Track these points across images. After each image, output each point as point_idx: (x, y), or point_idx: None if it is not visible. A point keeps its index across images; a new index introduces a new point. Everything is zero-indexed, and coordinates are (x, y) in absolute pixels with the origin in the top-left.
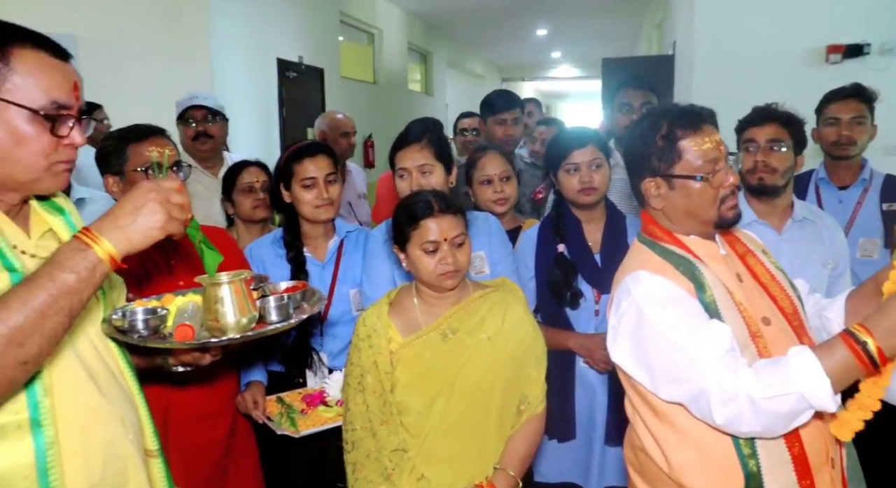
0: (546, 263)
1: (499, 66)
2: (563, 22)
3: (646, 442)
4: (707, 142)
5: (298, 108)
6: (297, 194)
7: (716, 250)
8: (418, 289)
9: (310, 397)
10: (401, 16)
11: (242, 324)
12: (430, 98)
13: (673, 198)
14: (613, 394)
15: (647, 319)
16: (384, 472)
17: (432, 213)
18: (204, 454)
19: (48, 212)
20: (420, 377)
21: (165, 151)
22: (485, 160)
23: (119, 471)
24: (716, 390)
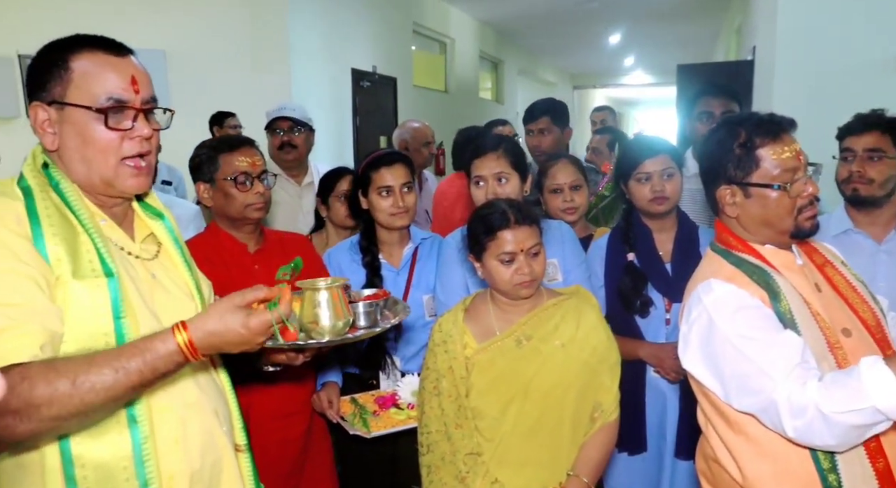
0: (615, 272)
1: (570, 74)
2: (636, 28)
3: (719, 453)
4: (786, 151)
5: (371, 117)
6: (373, 201)
7: (792, 260)
8: (493, 296)
9: (382, 399)
10: (472, 24)
11: (338, 328)
12: (501, 106)
13: (748, 206)
14: (685, 406)
15: (717, 328)
16: (458, 475)
17: (509, 225)
18: (282, 451)
19: (150, 217)
20: (494, 382)
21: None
22: (556, 169)
23: (215, 461)
24: (785, 403)
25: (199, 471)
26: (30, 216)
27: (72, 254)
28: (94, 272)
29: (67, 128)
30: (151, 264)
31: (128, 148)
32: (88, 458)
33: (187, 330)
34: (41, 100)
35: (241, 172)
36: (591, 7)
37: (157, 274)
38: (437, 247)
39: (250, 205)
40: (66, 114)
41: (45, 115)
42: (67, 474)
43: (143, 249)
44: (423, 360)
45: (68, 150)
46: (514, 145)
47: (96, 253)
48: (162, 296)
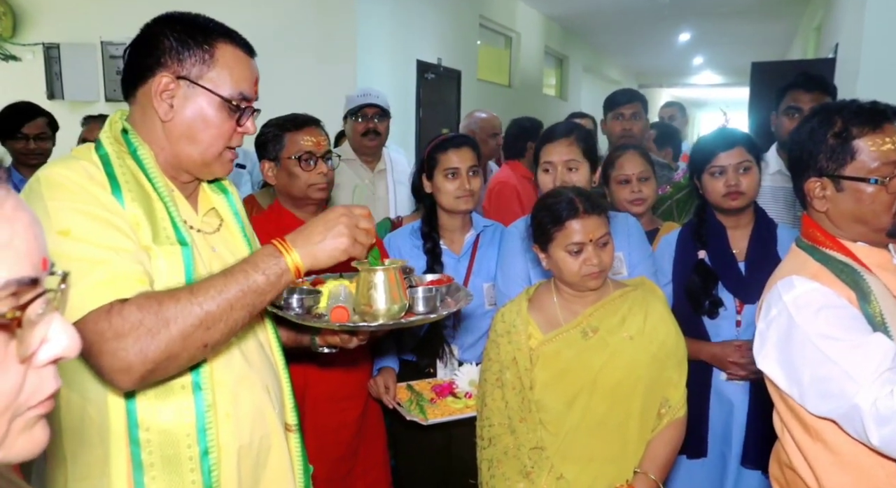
0: (685, 270)
1: (636, 72)
2: (708, 26)
3: (794, 460)
4: (888, 142)
5: (434, 109)
6: (438, 183)
7: (888, 259)
8: (557, 286)
9: (439, 387)
10: (539, 20)
11: (393, 312)
12: (565, 102)
13: (840, 201)
14: (753, 412)
15: (797, 327)
16: (523, 470)
17: (577, 214)
18: (336, 433)
19: (214, 191)
20: (560, 375)
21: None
22: (623, 159)
23: (264, 437)
24: (870, 408)
25: (248, 446)
26: (110, 181)
27: (150, 220)
28: (170, 240)
29: (190, 106)
30: (212, 238)
31: (236, 140)
32: (153, 422)
33: (285, 240)
34: (172, 71)
35: (305, 151)
36: (662, 4)
37: (218, 247)
38: (499, 236)
39: (313, 184)
40: (194, 92)
41: (170, 86)
42: (132, 436)
43: (205, 223)
44: (481, 350)
45: (182, 126)
46: (586, 133)
47: (170, 221)
48: (219, 267)
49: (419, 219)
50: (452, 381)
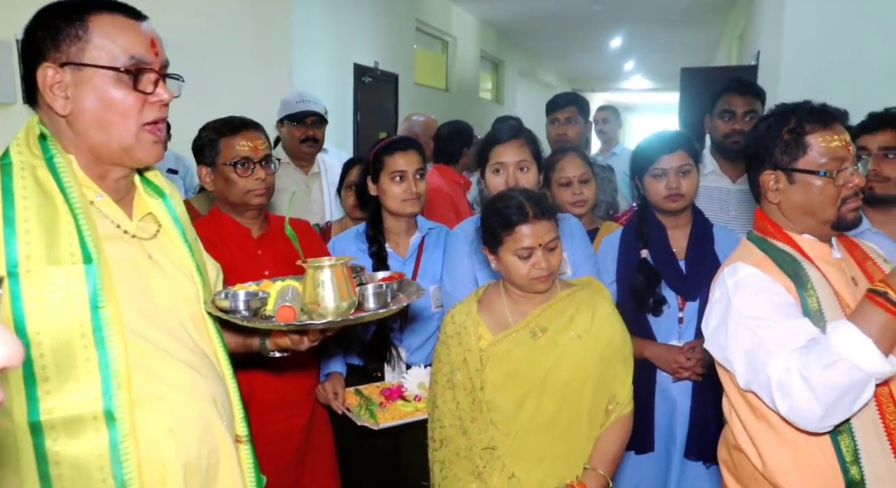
0: (628, 269)
1: (570, 77)
2: (638, 32)
3: (741, 441)
4: (836, 139)
5: (372, 113)
6: (385, 186)
7: (828, 252)
8: (506, 288)
9: (388, 391)
10: (474, 24)
11: (342, 309)
12: (501, 106)
13: (791, 193)
14: (695, 408)
15: (734, 308)
16: (475, 470)
17: (527, 219)
18: (283, 441)
19: (150, 195)
20: (510, 375)
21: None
22: (564, 162)
23: (212, 451)
24: (776, 380)
25: (196, 462)
26: (4, 195)
27: (49, 238)
28: (73, 257)
29: (84, 91)
30: (149, 244)
31: (149, 113)
32: (64, 456)
33: None
34: (53, 60)
35: (242, 157)
36: (594, 10)
37: (155, 254)
38: (444, 238)
39: (251, 190)
40: (83, 75)
41: (56, 77)
42: (41, 471)
43: (141, 228)
44: (429, 352)
45: (84, 115)
46: (533, 135)
47: (78, 236)
48: (158, 276)
49: (355, 224)
50: (401, 384)
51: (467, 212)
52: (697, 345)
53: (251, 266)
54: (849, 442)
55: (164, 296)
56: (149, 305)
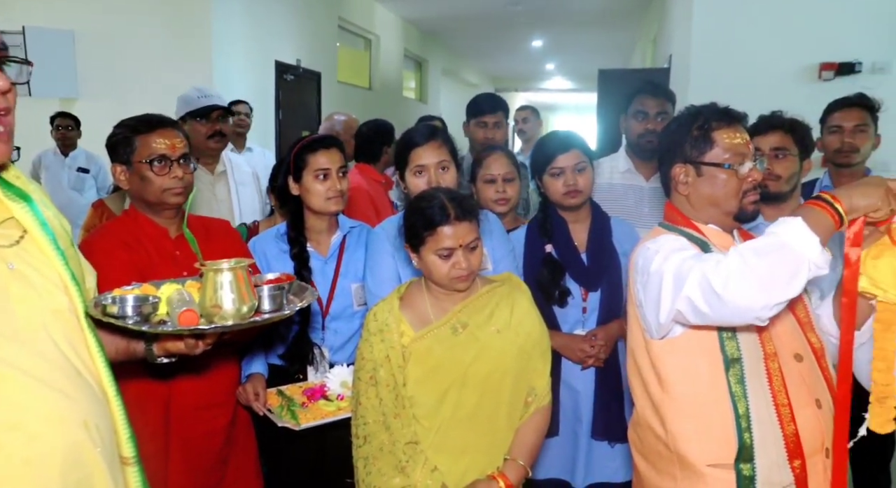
0: (534, 263)
1: (492, 76)
2: (558, 34)
3: (647, 415)
4: (738, 137)
5: (294, 111)
6: (308, 185)
7: (730, 242)
8: (428, 285)
9: (311, 391)
10: (397, 23)
11: (243, 312)
12: (425, 105)
13: (699, 185)
14: (599, 390)
15: (653, 261)
16: (398, 465)
17: (448, 220)
18: (205, 443)
19: (11, 199)
20: (432, 370)
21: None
22: (490, 159)
23: (82, 480)
24: (710, 266)
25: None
26: None
27: None
28: None
29: None
30: (8, 252)
31: None
32: None
33: None
34: None
35: (158, 155)
36: (515, 11)
37: (16, 263)
38: (366, 236)
39: (168, 189)
40: None
41: None
42: None
43: (2, 234)
44: (352, 351)
45: None
46: (449, 135)
47: None
48: (19, 287)
49: (280, 223)
50: (324, 384)
51: (388, 210)
52: (599, 332)
53: (169, 266)
54: (744, 409)
55: (28, 311)
56: (6, 321)
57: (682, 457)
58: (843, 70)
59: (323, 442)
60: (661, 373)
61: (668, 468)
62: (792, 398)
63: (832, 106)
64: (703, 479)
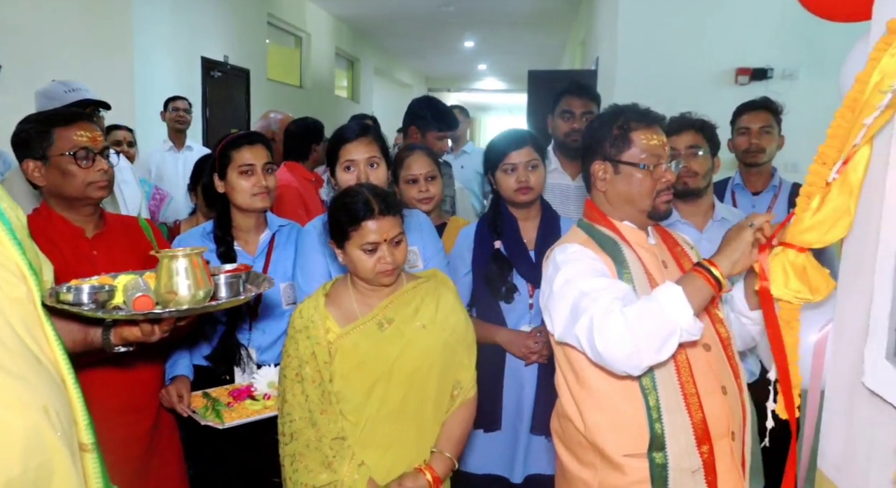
0: (483, 259)
1: (425, 76)
2: (489, 35)
3: (567, 408)
4: (655, 138)
5: (223, 108)
6: (233, 181)
7: (644, 238)
8: (353, 281)
9: (237, 392)
10: (329, 20)
11: (199, 297)
12: (357, 105)
13: (616, 182)
14: (540, 385)
15: (561, 273)
16: (325, 461)
17: (373, 215)
18: (126, 448)
19: None
20: (358, 366)
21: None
22: (411, 159)
23: (42, 464)
24: (598, 316)
25: (20, 477)
26: None
27: None
28: None
29: None
30: None
31: None
32: None
33: None
34: None
35: (81, 147)
36: (447, 11)
37: None
38: (296, 235)
39: (93, 183)
40: None
41: None
42: None
43: None
44: (280, 351)
45: None
46: (380, 132)
47: None
48: None
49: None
50: (251, 384)
51: (319, 209)
52: (544, 328)
53: (85, 267)
54: (655, 401)
55: None
56: None
57: (600, 449)
58: (756, 75)
59: (250, 442)
60: (576, 368)
61: (589, 458)
62: (699, 386)
63: (740, 109)
64: (620, 469)
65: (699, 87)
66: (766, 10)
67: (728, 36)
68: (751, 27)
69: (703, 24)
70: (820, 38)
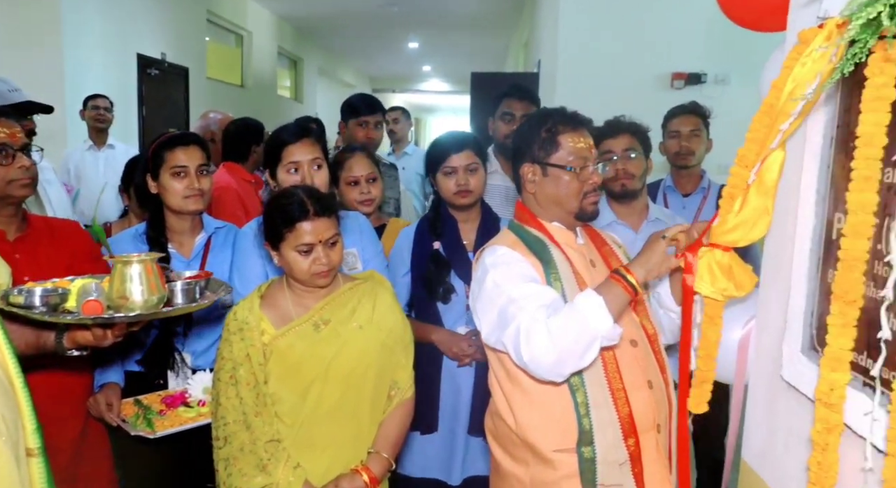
0: (421, 259)
1: (370, 77)
2: (433, 36)
3: (500, 406)
4: (581, 141)
5: (160, 107)
6: (165, 183)
7: (572, 239)
8: (289, 283)
9: (170, 398)
10: (271, 19)
11: (152, 302)
12: (300, 104)
13: (545, 184)
14: (477, 386)
15: (489, 276)
16: (259, 464)
17: (307, 216)
18: (51, 458)
19: None
20: (294, 367)
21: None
22: (352, 161)
23: None
24: (524, 325)
25: None
26: None
27: None
28: None
29: None
30: None
31: None
32: None
33: None
34: None
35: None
36: (391, 12)
37: None
38: (233, 237)
39: (14, 180)
40: None
41: None
42: None
43: None
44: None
45: None
46: (320, 133)
47: None
48: None
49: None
50: (185, 390)
51: (258, 210)
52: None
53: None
54: (583, 397)
55: None
56: None
57: (531, 445)
58: (691, 80)
59: (183, 448)
60: (507, 367)
61: (521, 455)
62: (626, 381)
63: (670, 113)
64: (550, 464)
65: (637, 90)
66: (699, 18)
67: (664, 42)
68: (686, 33)
69: (641, 30)
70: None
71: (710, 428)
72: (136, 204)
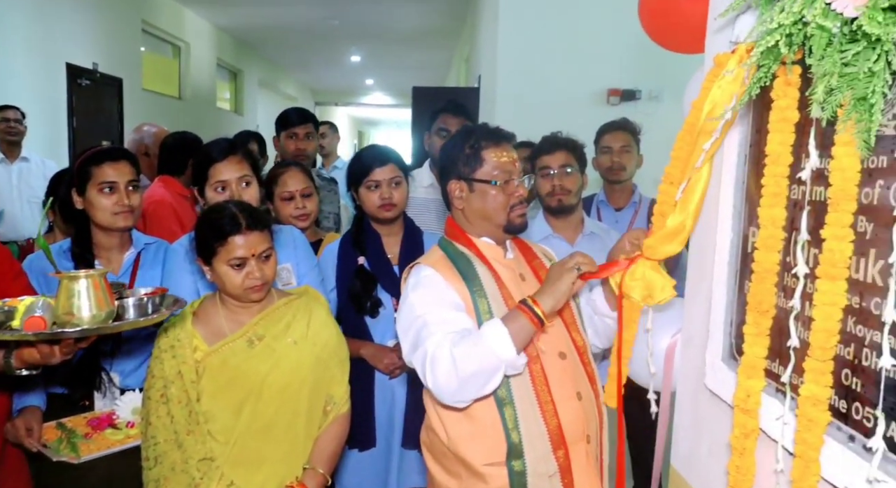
0: (347, 275)
1: (312, 89)
2: (375, 50)
3: (433, 421)
4: (504, 156)
5: (92, 119)
6: (92, 199)
7: (501, 254)
8: (222, 299)
9: (96, 421)
10: (210, 30)
11: (100, 318)
12: (241, 117)
13: (472, 200)
14: (410, 399)
15: (409, 300)
16: (192, 483)
17: (240, 230)
18: None
19: None
20: (227, 384)
21: None
22: (286, 176)
23: None
24: (431, 351)
25: None
26: None
27: None
28: None
29: None
30: None
31: None
32: None
33: None
34: None
35: None
36: (332, 25)
37: None
38: (164, 253)
39: None
40: None
41: None
42: None
43: None
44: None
45: None
46: (248, 149)
47: None
48: None
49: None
50: (113, 412)
51: (194, 225)
52: None
53: None
54: (511, 411)
55: None
56: None
57: (462, 459)
58: (626, 96)
59: (110, 473)
60: None
61: (454, 468)
62: (555, 393)
63: (602, 129)
64: (482, 478)
65: (574, 106)
66: (633, 36)
67: (600, 59)
68: (621, 51)
69: (577, 47)
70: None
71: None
72: (62, 219)
